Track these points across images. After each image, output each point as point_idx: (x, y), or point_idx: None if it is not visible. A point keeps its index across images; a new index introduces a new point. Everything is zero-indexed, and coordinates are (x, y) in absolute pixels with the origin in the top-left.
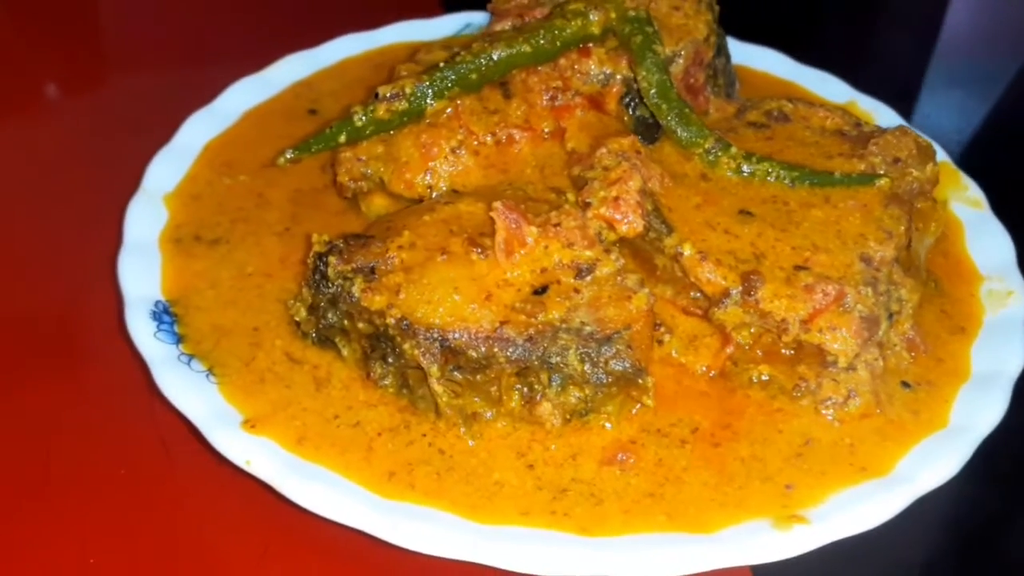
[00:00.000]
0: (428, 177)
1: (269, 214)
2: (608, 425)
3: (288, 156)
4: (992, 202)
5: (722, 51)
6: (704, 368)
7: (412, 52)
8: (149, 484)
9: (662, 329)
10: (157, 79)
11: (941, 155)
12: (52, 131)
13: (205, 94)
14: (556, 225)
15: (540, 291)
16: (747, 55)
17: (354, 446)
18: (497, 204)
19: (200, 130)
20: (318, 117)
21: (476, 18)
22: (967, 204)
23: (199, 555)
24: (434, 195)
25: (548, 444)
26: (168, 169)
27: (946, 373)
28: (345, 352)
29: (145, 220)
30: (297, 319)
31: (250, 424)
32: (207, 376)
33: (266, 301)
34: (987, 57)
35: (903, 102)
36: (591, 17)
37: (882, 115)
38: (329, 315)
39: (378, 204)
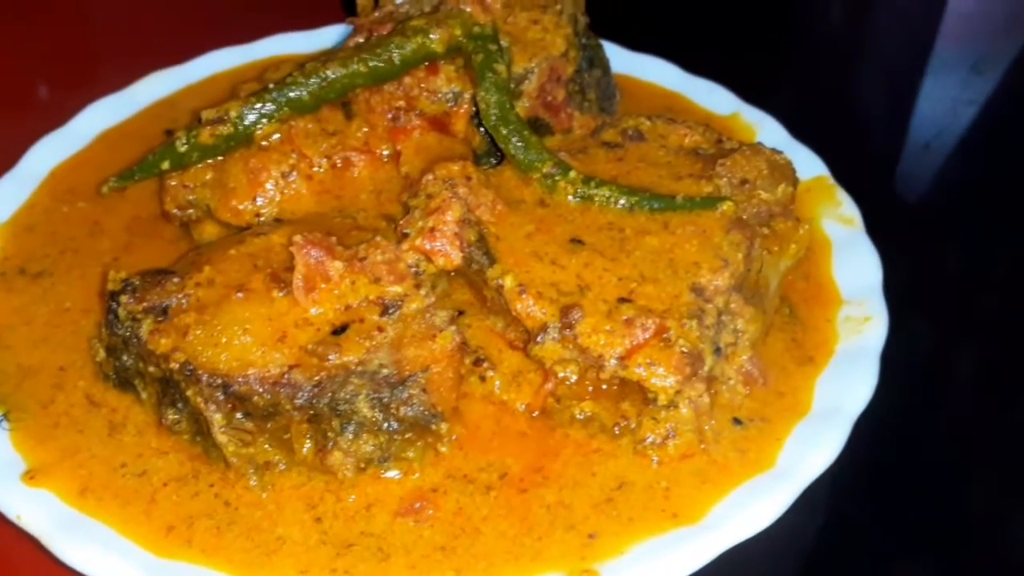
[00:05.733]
0: (256, 204)
1: (101, 243)
2: (402, 474)
3: (111, 184)
4: (871, 221)
5: (596, 64)
6: (523, 406)
7: (262, 70)
8: None
9: (485, 365)
10: None
11: (820, 169)
12: None
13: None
14: (362, 259)
15: (340, 330)
16: (633, 65)
17: (137, 497)
18: (297, 238)
19: (48, 154)
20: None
21: None
22: (839, 221)
23: None
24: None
25: (343, 495)
26: (7, 197)
27: (784, 408)
28: (143, 395)
29: None
30: (97, 360)
31: (30, 476)
32: (0, 421)
33: (79, 339)
34: (900, 63)
35: (810, 111)
36: (432, 35)
37: (766, 127)
38: (124, 357)
39: (210, 232)
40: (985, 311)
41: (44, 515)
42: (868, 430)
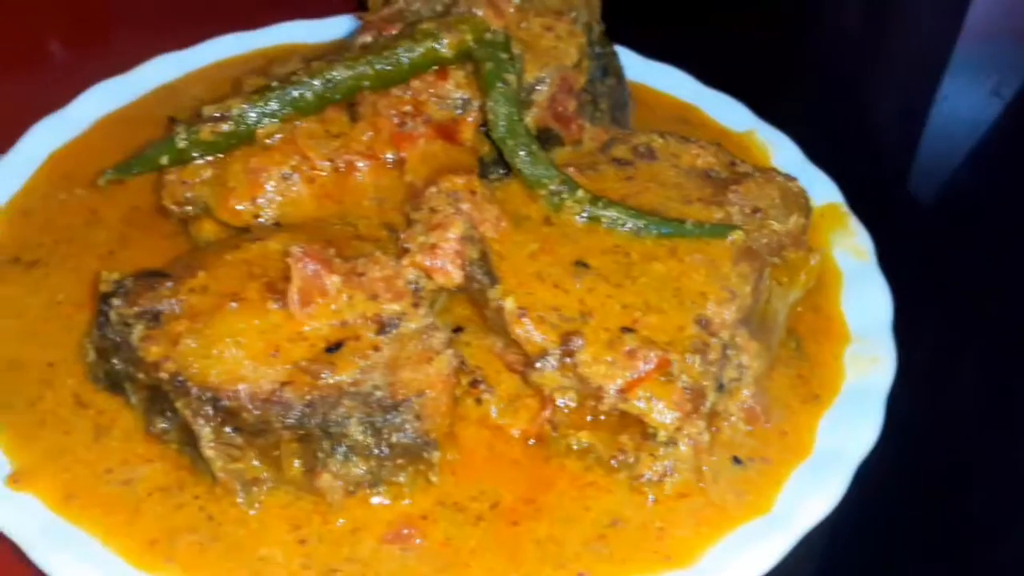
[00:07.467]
0: (256, 205)
1: (97, 234)
2: (392, 500)
3: (108, 176)
4: (883, 251)
5: (610, 72)
6: (519, 432)
7: (268, 63)
8: None
9: (482, 387)
10: None
11: (834, 196)
12: None
13: None
14: (361, 274)
15: (334, 348)
16: (648, 74)
17: (121, 506)
18: (294, 248)
19: (46, 138)
20: None
21: None
22: (852, 252)
23: None
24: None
25: (330, 518)
26: (5, 180)
27: (786, 448)
28: (133, 400)
29: None
30: (88, 360)
31: (14, 479)
32: None
33: (71, 334)
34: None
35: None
36: (442, 40)
37: (780, 147)
38: (114, 361)
39: (208, 231)
40: (998, 356)
41: (28, 522)
42: (870, 476)
